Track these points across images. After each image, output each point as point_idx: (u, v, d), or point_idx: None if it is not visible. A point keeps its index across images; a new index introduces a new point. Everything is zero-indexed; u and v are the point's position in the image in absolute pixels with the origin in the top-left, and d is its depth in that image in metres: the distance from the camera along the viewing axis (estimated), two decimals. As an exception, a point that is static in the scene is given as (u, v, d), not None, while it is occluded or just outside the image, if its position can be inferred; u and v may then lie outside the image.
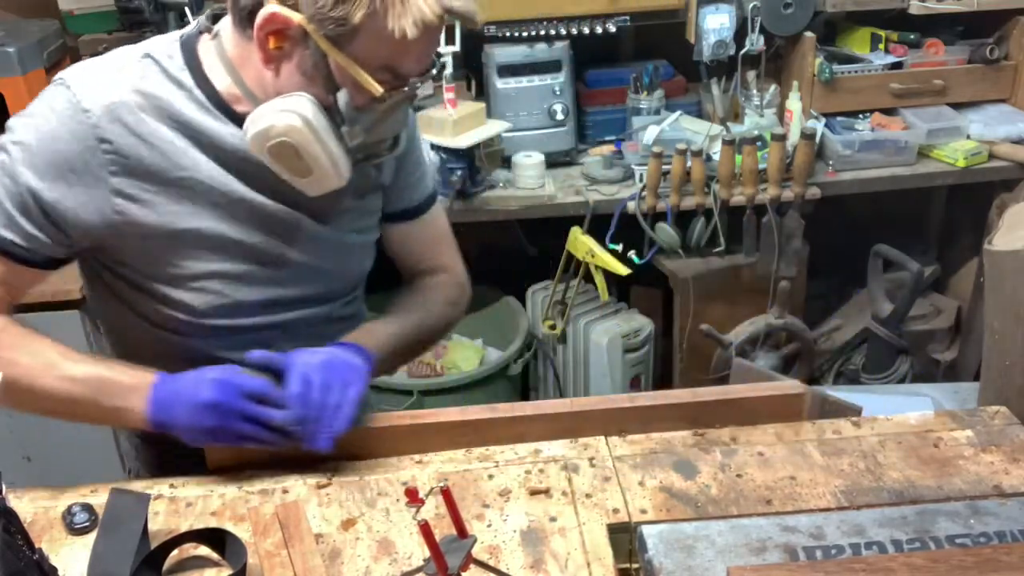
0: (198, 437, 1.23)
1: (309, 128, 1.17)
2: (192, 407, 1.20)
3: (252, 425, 1.21)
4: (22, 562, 0.99)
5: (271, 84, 1.20)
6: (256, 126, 1.18)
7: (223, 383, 1.21)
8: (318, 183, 1.23)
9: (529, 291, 2.89)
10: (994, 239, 1.50)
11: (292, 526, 1.19)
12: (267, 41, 1.16)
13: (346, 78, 1.17)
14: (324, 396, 1.22)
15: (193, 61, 1.24)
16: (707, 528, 1.09)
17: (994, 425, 1.34)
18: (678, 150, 2.49)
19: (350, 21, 1.11)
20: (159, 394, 1.22)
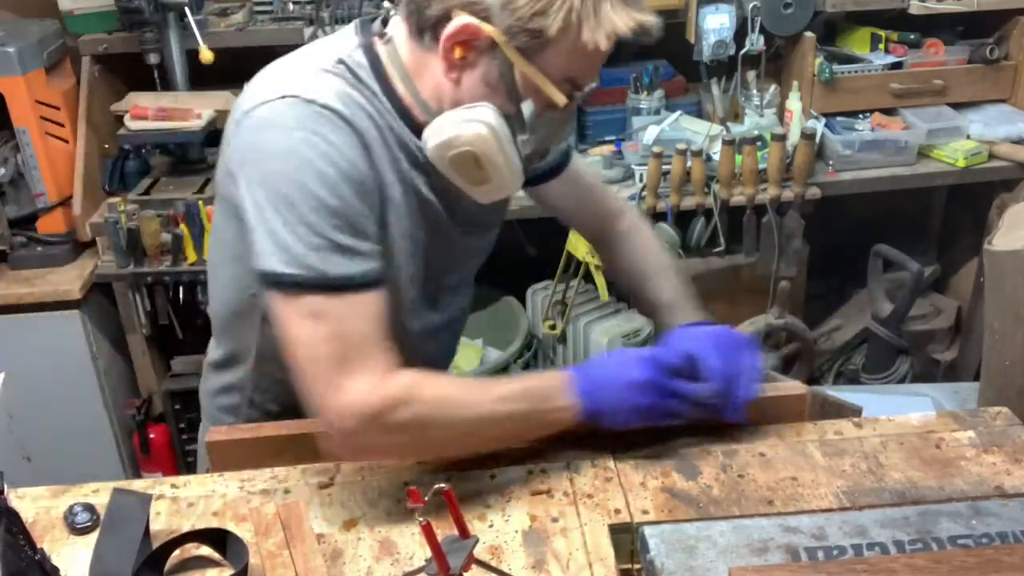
0: (629, 417, 1.24)
1: (495, 138, 1.19)
2: (625, 388, 1.22)
3: (678, 401, 1.24)
4: (24, 562, 0.99)
5: (449, 94, 1.21)
6: (439, 136, 1.20)
7: (651, 361, 1.24)
8: (493, 191, 1.26)
9: (529, 291, 2.89)
10: (994, 239, 1.50)
11: (294, 526, 1.19)
12: (452, 51, 1.17)
13: (530, 88, 1.19)
14: (737, 367, 1.27)
15: (379, 68, 1.24)
16: (709, 528, 1.09)
17: (996, 426, 1.34)
18: (678, 150, 2.49)
19: (545, 34, 1.13)
20: (584, 384, 1.23)
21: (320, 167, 1.14)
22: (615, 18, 1.14)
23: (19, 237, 2.59)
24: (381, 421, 1.15)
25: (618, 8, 1.15)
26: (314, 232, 1.14)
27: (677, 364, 1.25)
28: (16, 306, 2.50)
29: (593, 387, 1.23)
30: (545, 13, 1.12)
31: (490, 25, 1.14)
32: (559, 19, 1.12)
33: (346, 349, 1.15)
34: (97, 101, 2.68)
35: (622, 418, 1.24)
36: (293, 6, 2.63)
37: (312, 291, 1.15)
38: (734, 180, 2.54)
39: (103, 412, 2.68)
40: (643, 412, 1.23)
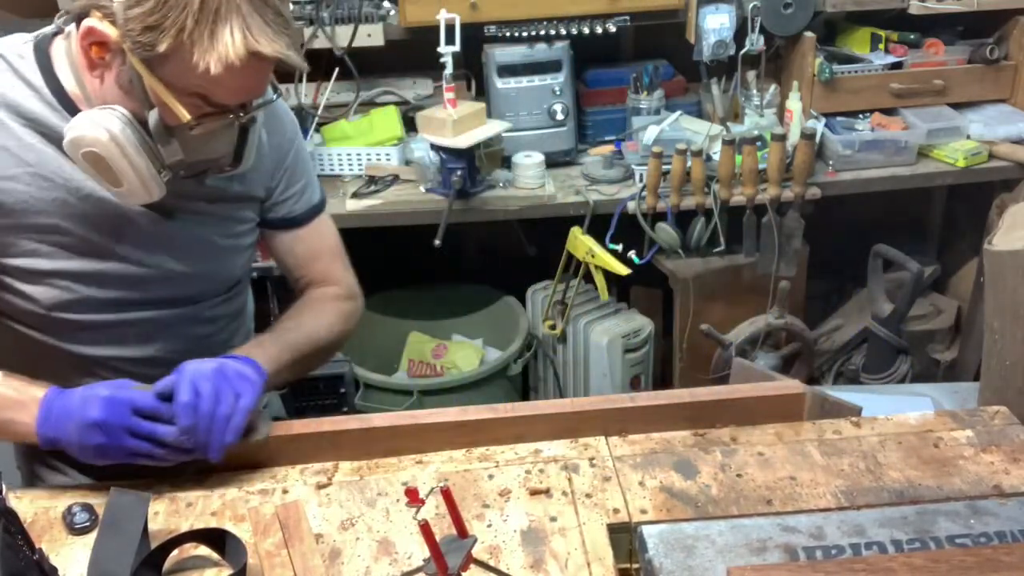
0: (89, 455, 1.22)
1: (115, 143, 1.18)
2: (80, 425, 1.19)
3: (142, 442, 1.21)
4: (22, 562, 0.99)
5: (97, 92, 1.22)
6: (71, 133, 1.19)
7: (112, 401, 1.20)
8: (129, 195, 1.23)
9: (529, 291, 2.89)
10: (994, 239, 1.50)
11: (292, 526, 1.19)
12: (90, 50, 1.18)
13: (158, 99, 1.18)
14: (214, 406, 1.21)
15: (45, 61, 1.25)
16: (707, 528, 1.09)
17: (994, 425, 1.34)
18: (678, 150, 2.49)
19: (156, 48, 1.12)
20: (48, 410, 1.21)
21: None
22: (229, 46, 1.11)
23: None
24: None
25: (236, 35, 1.11)
26: None
27: (146, 404, 1.21)
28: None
29: (52, 417, 1.21)
30: (156, 28, 1.11)
31: (115, 29, 1.14)
32: (169, 36, 1.11)
33: None
34: (97, 101, 2.67)
35: (82, 455, 1.22)
36: (293, 6, 2.63)
37: None
38: (734, 180, 2.54)
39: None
40: (100, 451, 1.21)
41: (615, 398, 1.39)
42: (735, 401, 1.37)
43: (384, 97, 2.84)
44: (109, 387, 1.23)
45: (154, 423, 1.21)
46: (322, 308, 1.51)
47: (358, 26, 2.56)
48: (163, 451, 1.21)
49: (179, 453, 1.22)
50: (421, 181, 2.61)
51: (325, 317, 1.50)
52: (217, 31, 1.11)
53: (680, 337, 2.74)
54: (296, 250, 1.53)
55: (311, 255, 1.54)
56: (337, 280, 1.55)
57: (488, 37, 2.58)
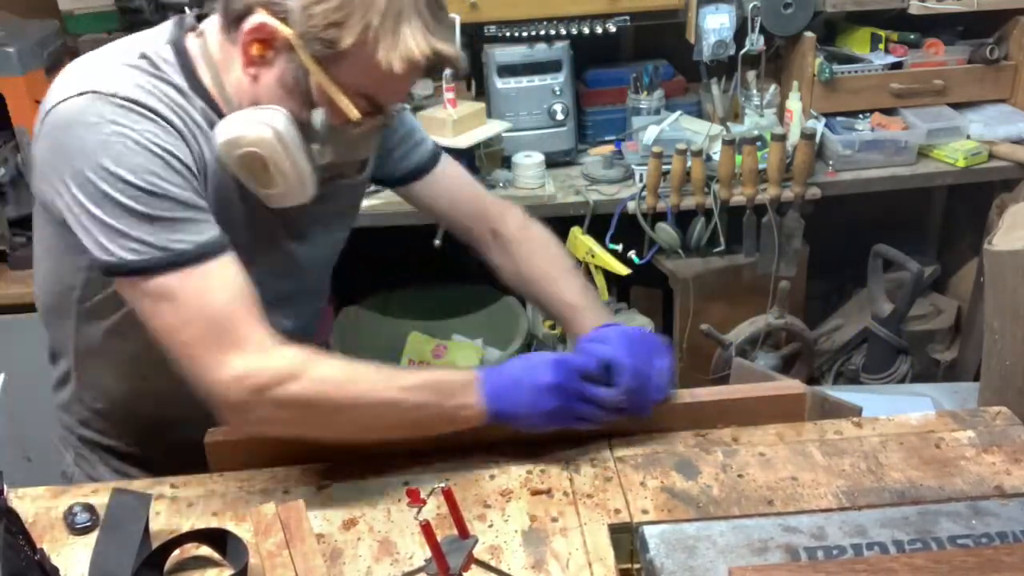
0: (538, 421, 1.23)
1: (280, 142, 1.18)
2: (533, 390, 1.22)
3: (589, 405, 1.24)
4: (23, 562, 0.99)
5: (248, 90, 1.21)
6: (227, 133, 1.19)
7: (561, 364, 1.23)
8: (281, 197, 1.24)
9: (529, 291, 2.89)
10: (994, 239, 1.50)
11: (293, 526, 1.19)
12: (251, 47, 1.17)
13: (324, 98, 1.18)
14: (649, 369, 1.28)
15: (186, 63, 1.24)
16: (708, 528, 1.09)
17: (995, 426, 1.34)
18: (678, 150, 2.49)
19: (338, 45, 1.12)
20: (493, 384, 1.23)
21: (131, 157, 1.14)
22: (412, 44, 1.13)
23: (19, 237, 2.59)
24: (271, 394, 1.15)
25: (418, 34, 1.13)
26: (141, 216, 1.14)
27: (588, 368, 1.25)
28: (16, 306, 2.50)
29: (500, 388, 1.23)
30: (341, 25, 1.12)
31: (287, 27, 1.14)
32: (354, 33, 1.12)
33: (213, 325, 1.15)
34: (97, 101, 2.67)
35: (529, 421, 1.24)
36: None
37: (160, 272, 1.15)
38: (734, 180, 2.54)
39: (103, 412, 2.68)
40: (551, 415, 1.23)
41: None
42: (736, 401, 1.37)
43: (384, 97, 2.84)
44: (550, 354, 1.28)
45: (597, 387, 1.24)
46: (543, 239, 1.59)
47: (358, 26, 2.55)
48: (603, 413, 1.25)
49: (613, 414, 1.26)
50: (421, 181, 2.60)
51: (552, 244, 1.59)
52: (400, 29, 1.12)
53: (680, 337, 2.74)
54: (443, 193, 1.57)
55: (459, 191, 1.59)
56: (505, 207, 1.62)
57: (488, 37, 2.58)
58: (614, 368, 1.26)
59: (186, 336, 1.16)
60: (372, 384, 1.21)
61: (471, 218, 1.59)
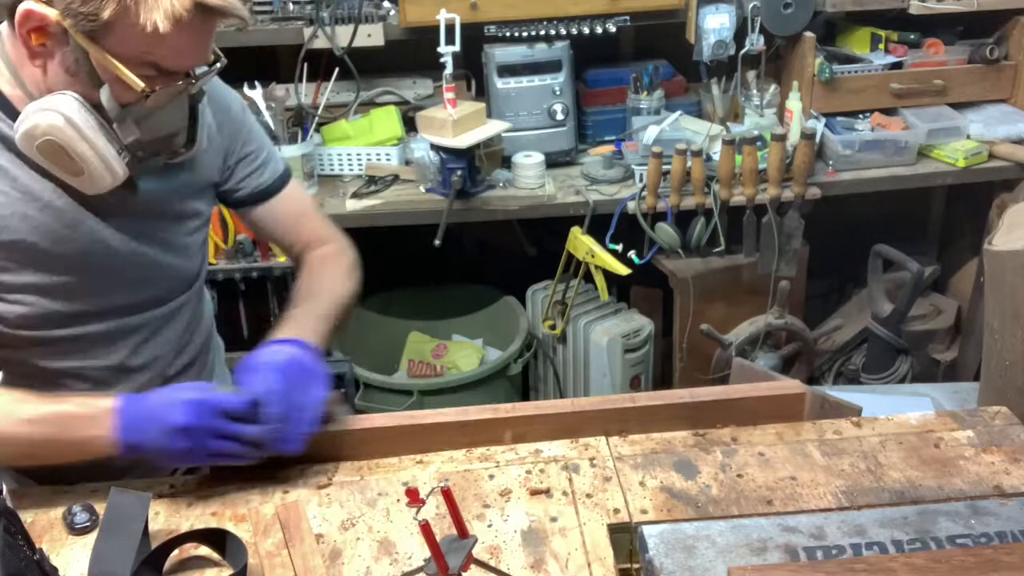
0: (173, 460, 1.23)
1: (72, 127, 1.16)
2: (164, 431, 1.19)
3: (227, 443, 1.21)
4: (23, 562, 0.99)
5: (41, 83, 1.20)
6: (23, 126, 1.17)
7: (197, 405, 1.20)
8: (92, 182, 1.21)
9: (529, 291, 2.89)
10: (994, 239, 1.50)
11: (292, 526, 1.19)
12: (30, 38, 1.15)
13: (109, 74, 1.16)
14: (292, 400, 1.23)
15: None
16: (708, 528, 1.09)
17: (995, 425, 1.34)
18: (678, 150, 2.49)
19: (100, 16, 1.10)
20: (126, 419, 1.20)
21: None
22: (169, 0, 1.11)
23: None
24: None
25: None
26: None
27: (230, 406, 1.21)
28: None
29: (134, 421, 1.20)
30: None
31: (53, 10, 1.12)
32: (112, 2, 1.10)
33: None
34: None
35: (166, 458, 1.22)
36: (293, 6, 2.63)
37: None
38: (734, 180, 2.54)
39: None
40: (186, 455, 1.21)
41: (615, 398, 1.39)
42: (735, 401, 1.37)
43: (384, 97, 2.84)
44: (191, 390, 1.24)
45: (239, 423, 1.21)
46: (332, 269, 1.53)
47: (358, 26, 2.56)
48: (246, 449, 1.22)
49: (260, 450, 1.23)
50: (421, 181, 2.61)
51: (338, 277, 1.52)
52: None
53: (680, 337, 2.74)
54: (279, 218, 1.54)
55: (295, 219, 1.55)
56: (329, 237, 1.57)
57: (488, 37, 2.58)
58: (260, 402, 1.22)
59: None
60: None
61: (298, 243, 1.57)
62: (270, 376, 1.24)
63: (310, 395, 1.26)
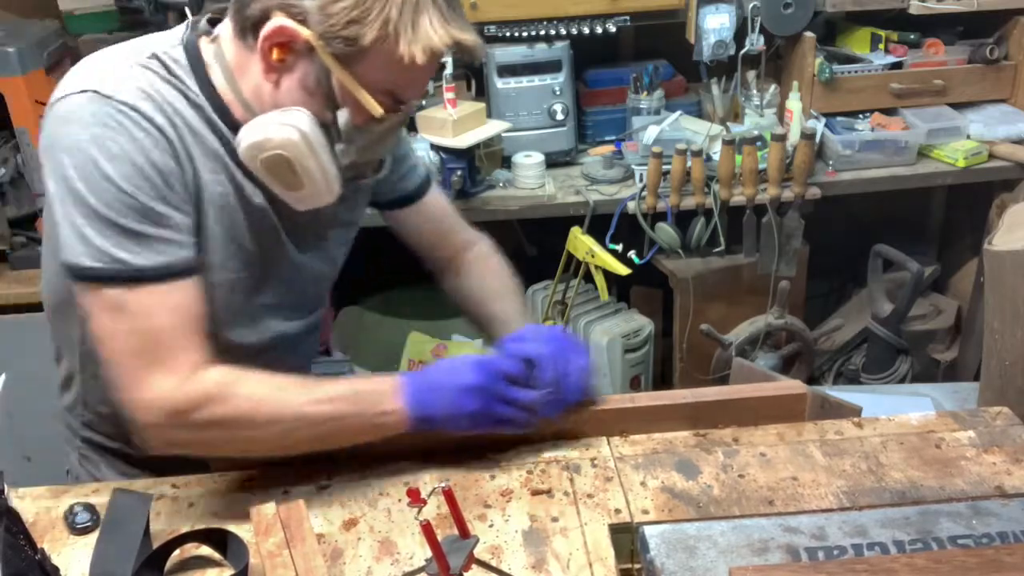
0: (461, 423, 1.23)
1: (306, 143, 1.18)
2: (456, 392, 1.22)
3: (510, 408, 1.24)
4: (24, 562, 0.99)
5: (269, 95, 1.21)
6: (252, 137, 1.18)
7: (484, 366, 1.23)
8: (308, 198, 1.24)
9: (529, 291, 2.89)
10: (994, 239, 1.50)
11: (294, 526, 1.19)
12: (271, 52, 1.17)
13: (347, 97, 1.18)
14: (559, 367, 1.27)
15: (198, 66, 1.23)
16: (709, 528, 1.09)
17: (996, 426, 1.34)
18: (678, 150, 2.49)
19: (360, 42, 1.12)
20: (415, 389, 1.23)
21: (113, 162, 1.13)
22: (432, 34, 1.13)
23: (19, 237, 2.59)
24: (187, 419, 1.15)
25: (436, 24, 1.14)
26: (110, 225, 1.13)
27: (511, 369, 1.24)
28: (16, 306, 2.50)
29: (422, 392, 1.22)
30: (361, 22, 1.12)
31: (307, 28, 1.13)
32: (375, 28, 1.12)
33: (149, 343, 1.15)
34: (97, 101, 2.67)
35: (453, 424, 1.23)
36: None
37: (113, 283, 1.14)
38: (734, 180, 2.54)
39: (103, 412, 2.68)
40: (472, 418, 1.23)
41: (615, 398, 1.39)
42: (736, 401, 1.37)
43: (384, 97, 2.84)
44: (474, 356, 1.27)
45: (519, 389, 1.24)
46: (498, 266, 1.59)
47: (358, 26, 2.55)
48: (525, 415, 1.25)
49: (536, 416, 1.26)
50: (421, 181, 2.61)
51: (506, 272, 1.59)
52: (419, 20, 1.13)
53: (680, 337, 2.74)
54: (428, 221, 1.57)
55: (443, 224, 1.59)
56: (477, 238, 1.62)
57: (488, 37, 2.58)
58: (535, 362, 1.26)
59: (119, 347, 1.16)
60: (289, 399, 1.20)
61: (446, 248, 1.60)
62: (540, 344, 1.28)
63: (574, 364, 1.29)
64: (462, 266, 1.58)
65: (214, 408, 1.16)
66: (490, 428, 1.25)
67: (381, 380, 1.25)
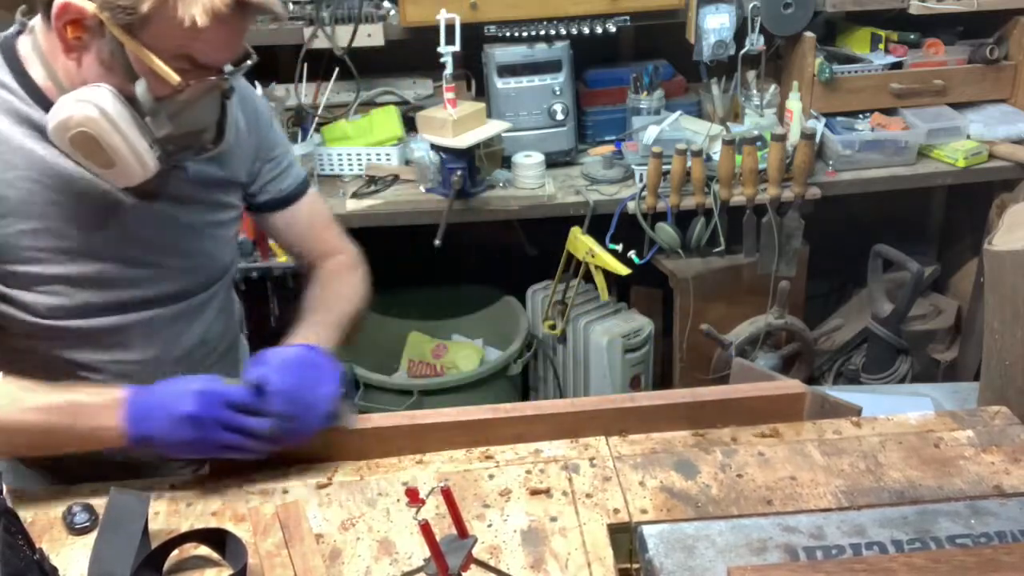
0: (180, 450, 1.22)
1: (106, 119, 1.17)
2: (172, 420, 1.19)
3: (234, 435, 1.21)
4: (23, 562, 0.99)
5: (76, 75, 1.20)
6: (56, 116, 1.18)
7: (205, 395, 1.20)
8: (123, 174, 1.22)
9: (529, 291, 2.89)
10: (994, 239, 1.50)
11: (292, 526, 1.19)
12: (66, 31, 1.16)
13: (144, 68, 1.17)
14: (300, 394, 1.24)
15: (13, 61, 1.24)
16: (707, 528, 1.09)
17: (995, 425, 1.34)
18: (678, 150, 2.49)
19: (139, 9, 1.11)
20: (135, 409, 1.21)
21: None
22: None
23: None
24: None
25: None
26: None
27: (235, 397, 1.21)
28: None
29: (142, 412, 1.21)
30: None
31: (91, 3, 1.13)
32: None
33: None
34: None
35: (173, 449, 1.22)
36: (293, 6, 2.63)
37: None
38: (734, 180, 2.54)
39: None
40: (193, 446, 1.21)
41: (615, 398, 1.39)
42: (735, 401, 1.37)
43: (384, 97, 2.84)
44: (200, 381, 1.24)
45: (246, 416, 1.21)
46: (344, 279, 1.55)
47: (358, 26, 2.56)
48: (254, 443, 1.22)
49: (268, 444, 1.23)
50: (421, 181, 2.61)
51: (350, 287, 1.54)
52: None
53: (680, 337, 2.74)
54: (294, 226, 1.56)
55: (310, 228, 1.57)
56: (342, 248, 1.59)
57: (488, 37, 2.58)
58: (265, 394, 1.22)
59: None
60: (7, 407, 1.20)
61: (310, 253, 1.58)
62: (278, 370, 1.24)
63: (320, 391, 1.26)
64: (315, 275, 1.56)
65: None
66: (215, 454, 1.24)
67: (103, 394, 1.23)
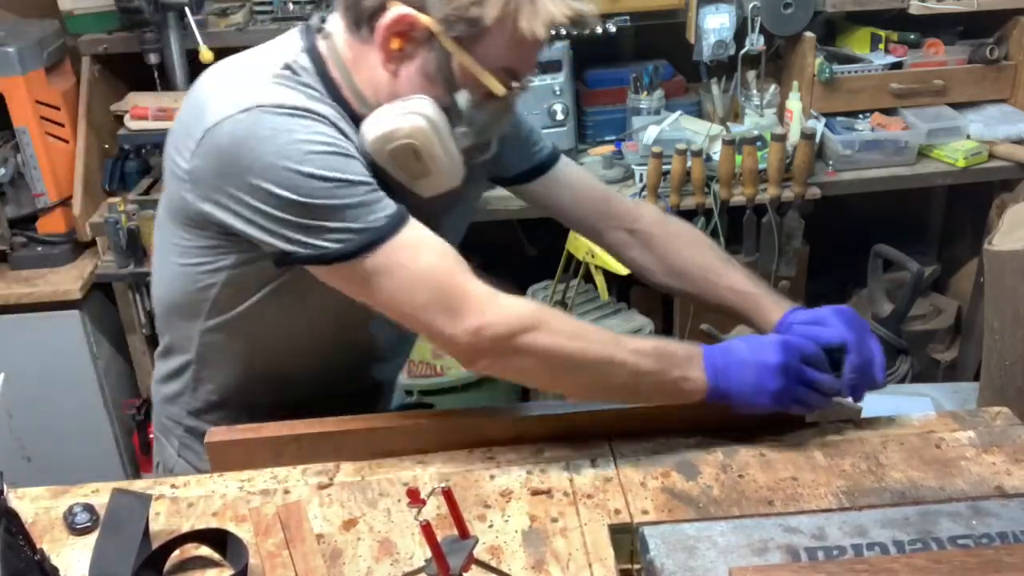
0: (758, 399, 1.24)
1: (434, 130, 1.19)
2: (757, 369, 1.22)
3: (808, 389, 1.24)
4: (23, 562, 0.99)
5: (386, 86, 1.21)
6: (378, 129, 1.19)
7: (788, 346, 1.23)
8: (433, 184, 1.25)
9: (529, 291, 2.89)
10: (994, 239, 1.50)
11: (293, 526, 1.19)
12: (389, 41, 1.18)
13: (467, 79, 1.19)
14: (869, 352, 1.28)
15: (323, 68, 1.24)
16: (709, 529, 1.09)
17: (996, 426, 1.34)
18: (678, 150, 2.49)
19: (482, 23, 1.14)
20: (717, 360, 1.24)
21: (312, 158, 1.14)
22: (552, 7, 1.14)
23: (19, 237, 2.59)
24: (511, 343, 1.18)
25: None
26: (339, 208, 1.15)
27: (811, 353, 1.25)
28: (16, 306, 2.50)
29: (725, 365, 1.24)
30: (482, 3, 1.13)
31: (426, 15, 1.14)
32: (496, 8, 1.13)
33: (436, 288, 1.18)
34: (97, 101, 2.68)
35: (751, 400, 1.24)
36: (293, 6, 2.63)
37: (366, 252, 1.16)
38: (734, 180, 2.54)
39: (103, 412, 2.68)
40: (773, 395, 1.23)
41: (616, 398, 1.38)
42: (736, 401, 1.37)
43: (384, 97, 2.84)
44: (773, 336, 1.28)
45: (821, 373, 1.25)
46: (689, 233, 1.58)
47: (359, 26, 2.55)
48: (821, 398, 1.26)
49: (830, 400, 1.27)
50: (421, 181, 2.61)
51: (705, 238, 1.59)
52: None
53: (680, 337, 2.74)
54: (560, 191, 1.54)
55: (598, 189, 1.57)
56: (623, 205, 1.58)
57: (488, 37, 2.58)
58: (843, 348, 1.27)
59: (411, 304, 1.19)
60: (604, 343, 1.22)
61: (599, 218, 1.56)
62: (845, 329, 1.28)
63: (876, 348, 1.30)
64: (648, 240, 1.55)
65: (531, 335, 1.19)
66: (785, 407, 1.26)
67: (684, 346, 1.26)
